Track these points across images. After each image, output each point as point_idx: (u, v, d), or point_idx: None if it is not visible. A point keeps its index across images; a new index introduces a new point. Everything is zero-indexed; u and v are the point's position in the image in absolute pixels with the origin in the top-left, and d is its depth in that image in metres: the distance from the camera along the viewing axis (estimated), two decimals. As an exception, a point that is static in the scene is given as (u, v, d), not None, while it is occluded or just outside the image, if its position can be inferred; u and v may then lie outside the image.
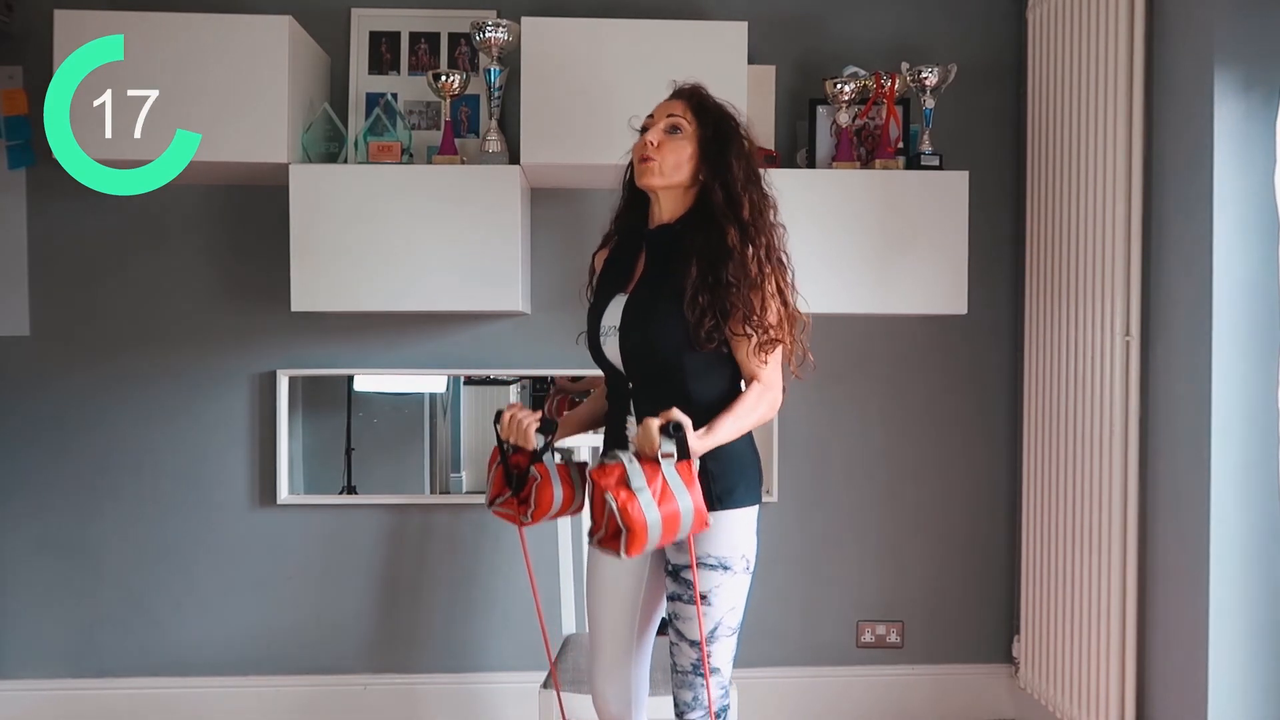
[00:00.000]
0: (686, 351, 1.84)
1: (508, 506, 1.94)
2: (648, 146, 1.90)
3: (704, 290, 1.83)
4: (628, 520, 1.64)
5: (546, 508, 1.90)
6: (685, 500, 1.69)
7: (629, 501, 1.64)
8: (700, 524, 1.73)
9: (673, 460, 1.70)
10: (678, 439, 1.70)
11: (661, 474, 1.68)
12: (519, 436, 1.90)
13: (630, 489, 1.66)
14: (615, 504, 1.64)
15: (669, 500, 1.68)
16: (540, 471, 1.90)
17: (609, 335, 1.93)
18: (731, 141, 1.92)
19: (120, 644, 2.95)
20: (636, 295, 1.92)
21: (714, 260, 1.84)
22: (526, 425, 1.89)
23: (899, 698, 3.06)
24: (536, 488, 1.89)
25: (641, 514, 1.65)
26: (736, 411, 1.84)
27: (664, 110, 1.95)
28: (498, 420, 1.93)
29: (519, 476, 1.91)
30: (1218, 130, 2.18)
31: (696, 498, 1.71)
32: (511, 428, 1.90)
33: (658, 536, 1.68)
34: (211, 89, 2.56)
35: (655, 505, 1.66)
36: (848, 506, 3.05)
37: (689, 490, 1.70)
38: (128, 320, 2.92)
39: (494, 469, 1.95)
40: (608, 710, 2.05)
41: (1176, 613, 2.33)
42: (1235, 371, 2.19)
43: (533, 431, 1.89)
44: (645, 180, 1.91)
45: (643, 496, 1.65)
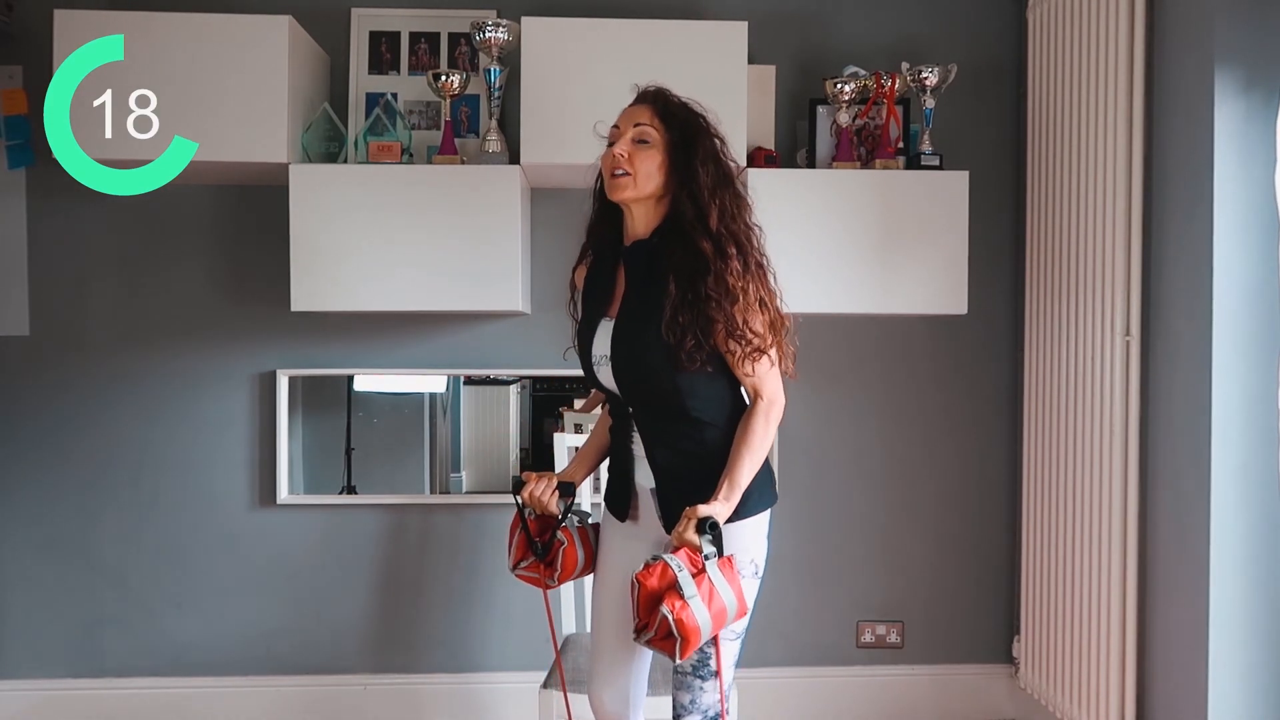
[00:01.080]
0: (679, 373, 1.82)
1: (532, 570, 2.01)
2: (618, 159, 1.85)
3: (683, 309, 1.80)
4: (684, 631, 1.67)
5: (571, 570, 1.99)
6: (730, 597, 1.74)
7: (683, 610, 1.68)
8: (741, 613, 1.78)
9: (714, 560, 1.73)
10: (714, 536, 1.74)
11: (707, 577, 1.72)
12: (541, 508, 1.98)
13: (683, 598, 1.69)
14: (671, 616, 1.67)
15: (716, 600, 1.72)
16: (565, 536, 1.98)
17: (601, 365, 1.91)
18: (698, 146, 1.87)
19: (120, 644, 2.95)
20: (621, 322, 1.89)
21: (691, 276, 1.81)
22: (548, 500, 1.97)
23: (899, 698, 3.06)
24: (564, 552, 1.97)
25: (695, 621, 1.68)
26: (751, 448, 1.84)
27: (630, 119, 1.89)
28: (517, 490, 2.00)
29: (544, 545, 1.98)
30: (1218, 130, 2.18)
31: (737, 588, 1.75)
32: (533, 503, 1.97)
33: (708, 635, 1.72)
34: (211, 89, 2.56)
35: (706, 608, 1.70)
36: (848, 506, 3.05)
37: (730, 585, 1.74)
38: (128, 320, 2.92)
39: (516, 535, 2.01)
40: (605, 710, 2.05)
41: (1176, 613, 2.33)
42: (1235, 371, 2.19)
43: (554, 502, 1.98)
44: (618, 196, 1.87)
45: (694, 603, 1.69)
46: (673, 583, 1.69)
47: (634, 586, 1.72)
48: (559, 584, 2.00)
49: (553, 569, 1.97)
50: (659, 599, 1.69)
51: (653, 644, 1.72)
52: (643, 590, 1.70)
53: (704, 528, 1.73)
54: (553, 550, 1.97)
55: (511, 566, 2.02)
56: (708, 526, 1.73)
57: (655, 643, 1.71)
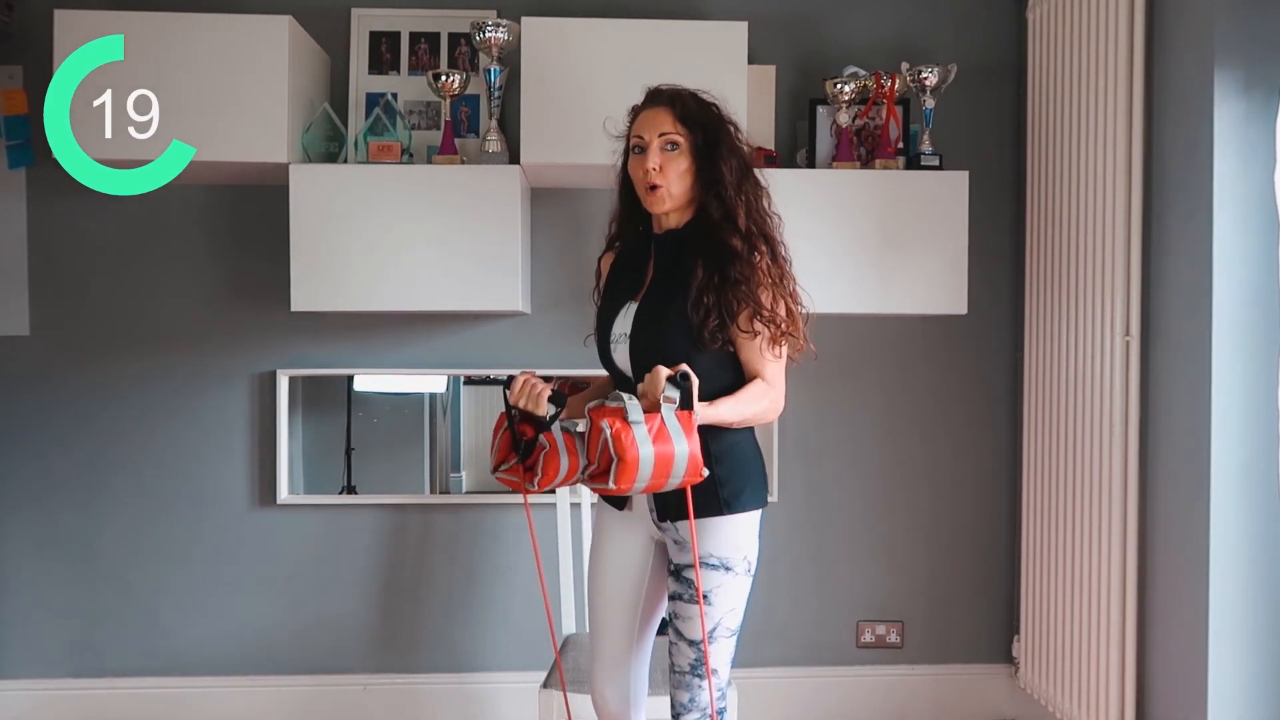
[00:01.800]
0: (695, 354, 1.83)
1: (513, 473, 1.91)
2: (652, 174, 1.88)
3: (709, 290, 1.84)
4: (619, 448, 1.64)
5: (553, 476, 1.87)
6: (681, 445, 1.69)
7: (623, 431, 1.64)
8: (695, 473, 1.71)
9: (674, 406, 1.70)
10: (683, 388, 1.70)
11: (660, 416, 1.68)
12: (530, 402, 1.87)
13: (626, 421, 1.66)
14: (609, 431, 1.64)
15: (664, 441, 1.67)
16: (548, 440, 1.87)
17: (619, 342, 1.93)
18: (720, 143, 1.90)
19: (120, 644, 2.95)
20: (647, 303, 1.93)
21: (720, 261, 1.85)
22: (539, 391, 1.87)
23: (899, 698, 3.06)
24: (545, 456, 1.86)
25: (635, 444, 1.64)
26: (740, 396, 1.85)
27: (654, 126, 1.90)
28: (507, 386, 1.91)
29: (526, 444, 1.89)
30: (1218, 130, 2.18)
31: (694, 446, 1.70)
32: (524, 392, 1.87)
33: (649, 474, 1.67)
34: (211, 89, 2.56)
35: (649, 441, 1.66)
36: (848, 506, 3.05)
37: (686, 438, 1.69)
38: (128, 320, 2.92)
39: (500, 435, 1.93)
40: (607, 709, 2.05)
41: (1176, 612, 2.33)
42: (1235, 371, 2.19)
43: (544, 399, 1.87)
44: (658, 209, 1.91)
45: (638, 430, 1.65)
46: (621, 413, 1.67)
47: (587, 423, 1.70)
48: (539, 490, 1.89)
49: (533, 473, 1.88)
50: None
51: (594, 478, 1.69)
52: (593, 425, 1.68)
53: (675, 381, 1.70)
54: (534, 453, 1.88)
55: (493, 468, 1.94)
56: (679, 378, 1.70)
57: (595, 477, 1.68)
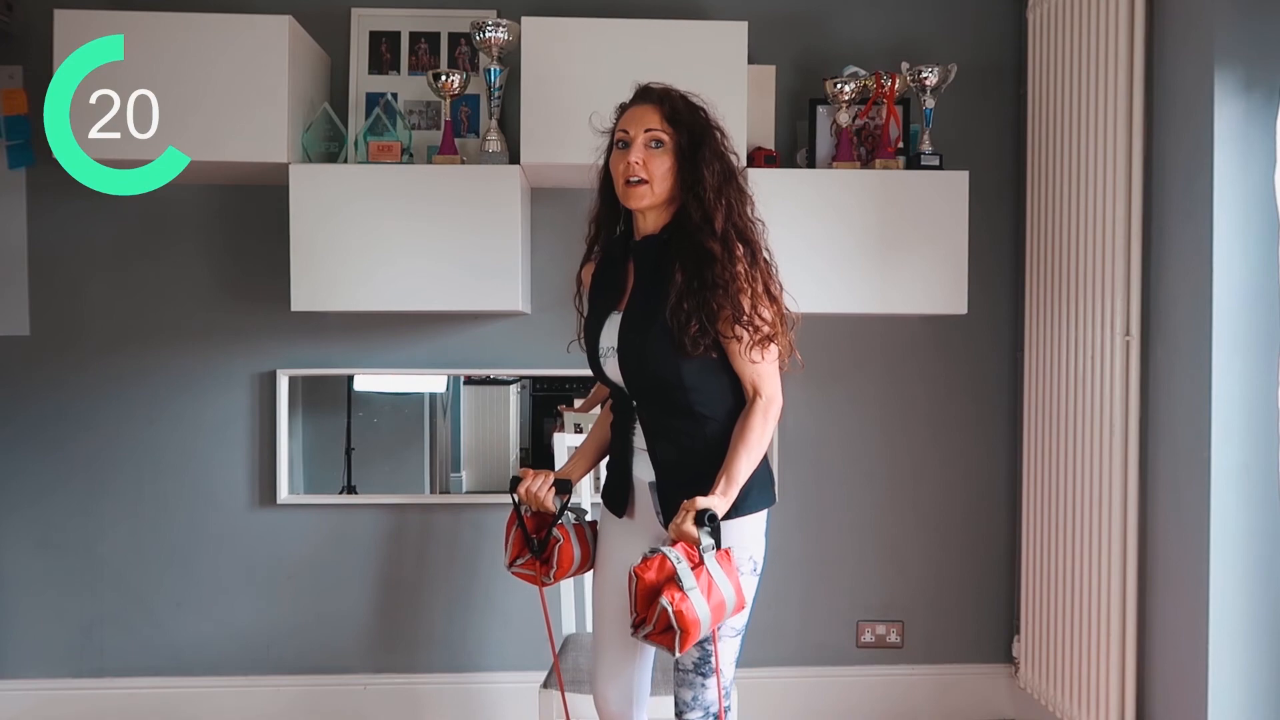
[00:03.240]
0: (685, 362, 1.83)
1: (528, 567, 2.00)
2: (634, 168, 1.86)
3: (688, 296, 1.82)
4: (684, 624, 1.67)
5: (568, 567, 1.99)
6: (728, 589, 1.73)
7: (683, 603, 1.67)
8: (740, 607, 1.77)
9: (712, 552, 1.72)
10: (712, 529, 1.73)
11: (705, 569, 1.71)
12: (538, 505, 1.97)
13: (682, 590, 1.68)
14: (671, 608, 1.66)
15: (715, 593, 1.71)
16: (561, 533, 1.97)
17: (608, 356, 1.93)
18: (704, 147, 1.88)
19: (120, 644, 2.95)
20: (630, 313, 1.91)
21: (699, 265, 1.83)
22: (544, 496, 1.95)
23: (899, 698, 3.06)
24: (559, 549, 1.96)
25: (694, 613, 1.68)
26: (749, 444, 1.83)
27: (640, 122, 1.89)
28: (513, 488, 1.99)
29: (540, 541, 1.97)
30: (1218, 130, 2.18)
31: (735, 581, 1.75)
32: (530, 500, 1.96)
33: (707, 628, 1.71)
34: (211, 89, 2.56)
35: (705, 600, 1.69)
36: (848, 506, 3.05)
37: (729, 578, 1.74)
38: (128, 320, 2.92)
39: (512, 532, 2.01)
40: (608, 710, 2.05)
41: (1176, 613, 2.33)
42: (1235, 371, 2.19)
43: (551, 499, 1.96)
44: (637, 204, 1.88)
45: (694, 596, 1.68)
46: (671, 575, 1.69)
47: (632, 580, 1.71)
48: (555, 581, 1.99)
49: (548, 566, 1.97)
50: (657, 592, 1.68)
51: (651, 638, 1.71)
52: (640, 583, 1.69)
53: (702, 520, 1.72)
54: (549, 548, 1.97)
55: (508, 564, 2.02)
56: (706, 519, 1.72)
57: (654, 637, 1.71)
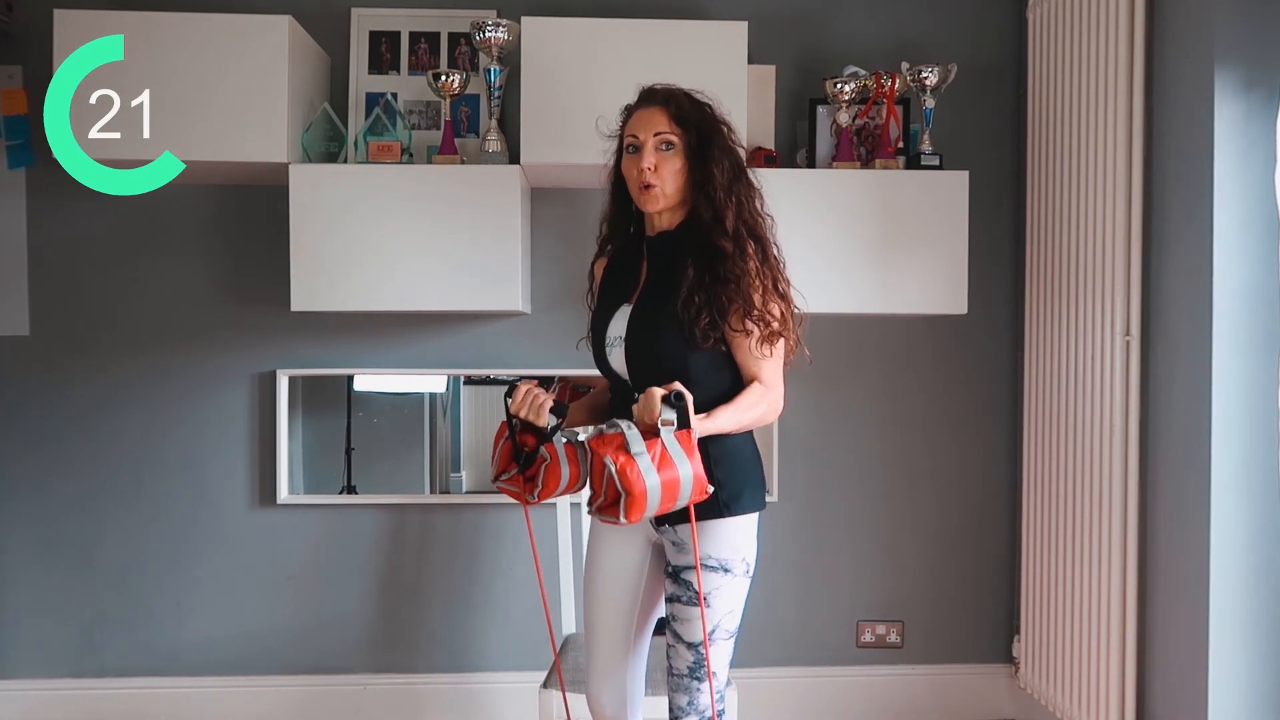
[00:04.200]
0: (692, 354, 1.84)
1: (513, 484, 1.93)
2: (647, 174, 1.87)
3: (700, 290, 1.83)
4: (626, 483, 1.64)
5: (554, 487, 1.90)
6: (685, 468, 1.69)
7: (628, 465, 1.65)
8: (700, 491, 1.72)
9: (672, 428, 1.70)
10: (679, 408, 1.70)
11: (661, 441, 1.68)
12: (532, 412, 1.88)
13: (629, 454, 1.66)
14: (614, 467, 1.64)
15: (668, 467, 1.68)
16: (549, 452, 1.89)
17: (615, 346, 1.93)
18: (713, 144, 1.89)
19: (120, 644, 2.95)
20: (641, 305, 1.92)
21: (711, 261, 1.85)
22: (541, 402, 1.88)
23: (899, 698, 3.06)
24: (545, 468, 1.89)
25: (641, 477, 1.65)
26: (738, 404, 1.84)
27: (649, 126, 1.90)
28: (509, 394, 1.92)
29: (528, 455, 1.90)
30: (1218, 130, 2.18)
31: (696, 466, 1.71)
32: (525, 402, 1.88)
33: (656, 502, 1.68)
34: (211, 89, 2.56)
35: (654, 470, 1.66)
36: (848, 506, 3.05)
37: (689, 458, 1.70)
38: (128, 320, 2.92)
39: (501, 444, 1.94)
40: (603, 711, 2.05)
41: (1176, 613, 2.33)
42: (1235, 371, 2.19)
43: (546, 410, 1.89)
44: (652, 208, 1.91)
45: (641, 461, 1.65)
46: (622, 444, 1.67)
47: (588, 453, 1.70)
48: (539, 500, 1.91)
49: (534, 484, 1.90)
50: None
51: (602, 511, 1.69)
52: (595, 458, 1.68)
53: (669, 400, 1.70)
54: (535, 464, 1.90)
55: (493, 478, 1.96)
56: (674, 398, 1.70)
57: (604, 509, 1.68)
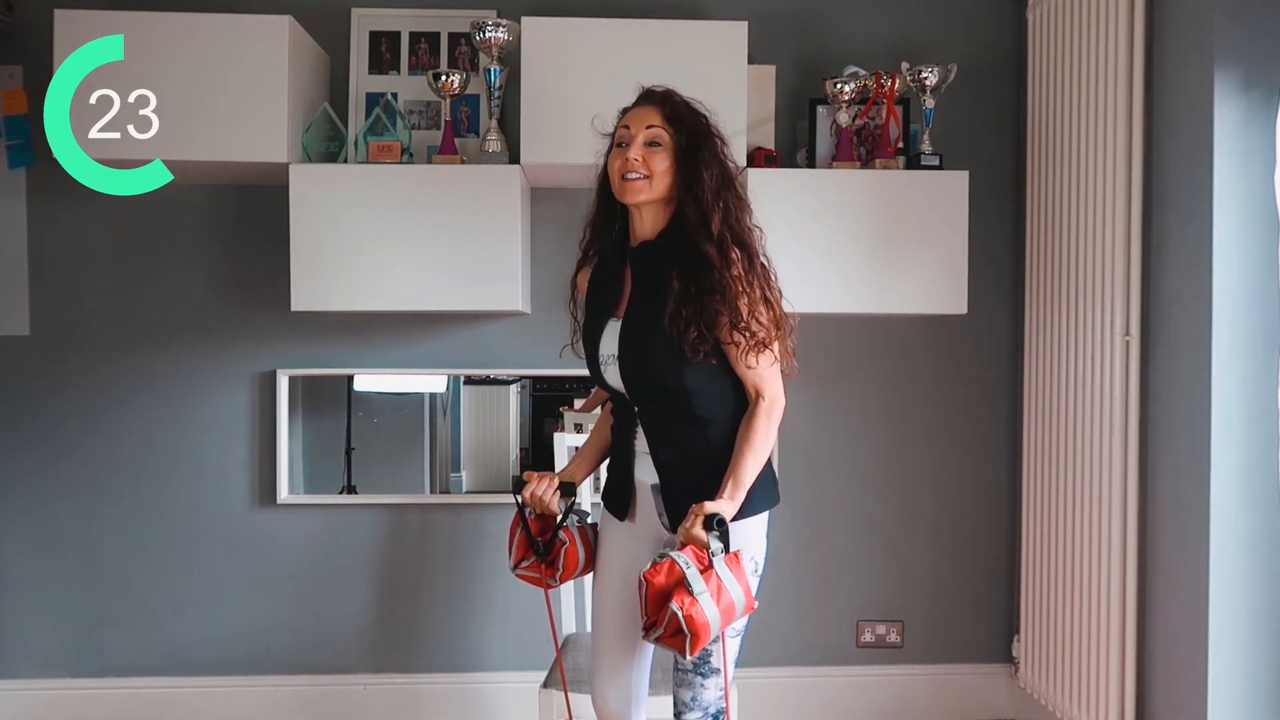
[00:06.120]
0: (686, 369, 1.83)
1: (533, 570, 2.01)
2: (632, 163, 1.86)
3: (686, 303, 1.82)
4: (694, 627, 1.67)
5: (573, 569, 2.00)
6: (738, 592, 1.74)
7: (693, 607, 1.68)
8: (749, 609, 1.78)
9: (721, 556, 1.73)
10: (721, 533, 1.74)
11: (715, 572, 1.72)
12: (543, 508, 1.98)
13: (692, 594, 1.69)
14: (681, 613, 1.67)
15: (724, 595, 1.72)
16: (566, 535, 1.99)
17: (609, 364, 1.93)
18: (703, 149, 1.88)
19: (120, 644, 2.95)
20: (629, 321, 1.90)
21: (696, 272, 1.83)
22: (549, 499, 1.97)
23: (899, 698, 3.07)
24: (565, 551, 1.98)
25: (705, 617, 1.69)
26: (754, 447, 1.85)
27: (641, 120, 1.89)
28: (518, 489, 2.00)
29: (546, 544, 1.99)
30: (1218, 130, 2.18)
31: (745, 585, 1.76)
32: (535, 503, 1.98)
33: (717, 630, 1.73)
34: (211, 89, 2.56)
35: (714, 603, 1.70)
36: (848, 506, 3.05)
37: (738, 581, 1.75)
38: (128, 320, 2.92)
39: (517, 535, 2.02)
40: (607, 709, 2.05)
41: (1176, 613, 2.33)
42: (1235, 371, 2.19)
43: (555, 501, 1.98)
44: (634, 199, 1.87)
45: (703, 600, 1.69)
46: (681, 579, 1.70)
47: (642, 585, 1.72)
48: (560, 583, 2.01)
49: (554, 568, 1.98)
50: (668, 596, 1.69)
51: (662, 641, 1.72)
52: (650, 588, 1.70)
53: (710, 524, 1.73)
54: (554, 550, 1.98)
55: (512, 566, 2.03)
56: (715, 523, 1.73)
57: (664, 640, 1.72)
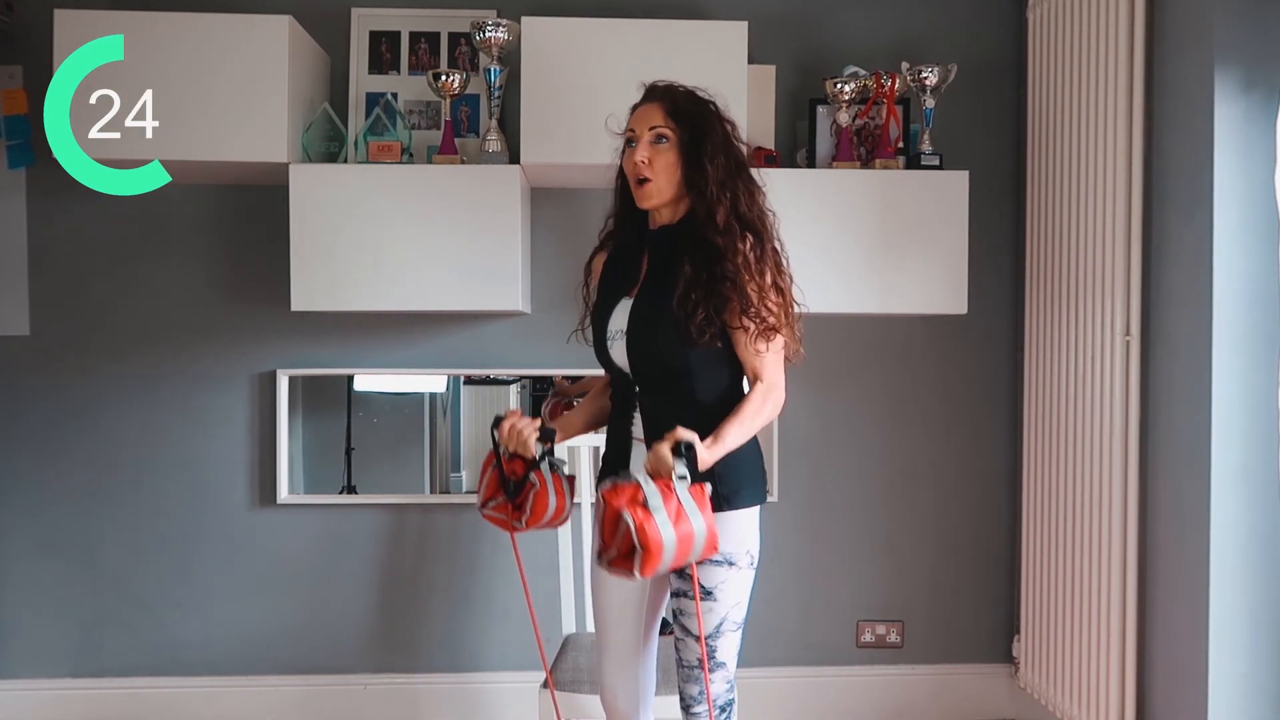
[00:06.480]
0: (691, 350, 1.84)
1: (500, 511, 1.96)
2: (641, 167, 1.89)
3: (696, 286, 1.84)
4: (644, 540, 1.63)
5: (541, 514, 1.92)
6: (699, 523, 1.69)
7: (646, 520, 1.64)
8: (711, 547, 1.73)
9: (686, 483, 1.70)
10: (688, 459, 1.71)
11: (676, 496, 1.68)
12: (519, 445, 1.92)
13: (647, 509, 1.65)
14: (633, 522, 1.63)
15: (684, 522, 1.68)
16: (538, 479, 1.92)
17: (616, 339, 1.94)
18: (706, 143, 1.89)
19: (120, 644, 2.95)
20: (642, 298, 1.93)
21: (708, 259, 1.85)
22: (527, 436, 1.91)
23: (899, 698, 3.06)
24: (534, 495, 1.91)
25: (658, 534, 1.64)
26: (742, 416, 1.84)
27: (645, 120, 1.92)
28: (495, 426, 1.94)
29: (516, 483, 1.92)
30: (1218, 130, 2.18)
31: (709, 520, 1.71)
32: (511, 437, 1.92)
33: (671, 558, 1.68)
34: (211, 89, 2.56)
35: (671, 525, 1.66)
36: (848, 506, 3.05)
37: (702, 513, 1.70)
38: (128, 320, 2.92)
39: (488, 473, 1.97)
40: (617, 706, 2.05)
41: (1176, 613, 2.33)
42: (1235, 371, 2.19)
43: (533, 440, 1.91)
44: (647, 204, 1.92)
45: (659, 516, 1.65)
46: (639, 499, 1.67)
47: (600, 504, 1.69)
48: (526, 528, 1.94)
49: (521, 512, 1.92)
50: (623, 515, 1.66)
51: (614, 564, 1.69)
52: (609, 509, 1.68)
53: (679, 450, 1.70)
54: (524, 492, 1.92)
55: (480, 505, 1.98)
56: (683, 448, 1.71)
57: (616, 562, 1.68)
